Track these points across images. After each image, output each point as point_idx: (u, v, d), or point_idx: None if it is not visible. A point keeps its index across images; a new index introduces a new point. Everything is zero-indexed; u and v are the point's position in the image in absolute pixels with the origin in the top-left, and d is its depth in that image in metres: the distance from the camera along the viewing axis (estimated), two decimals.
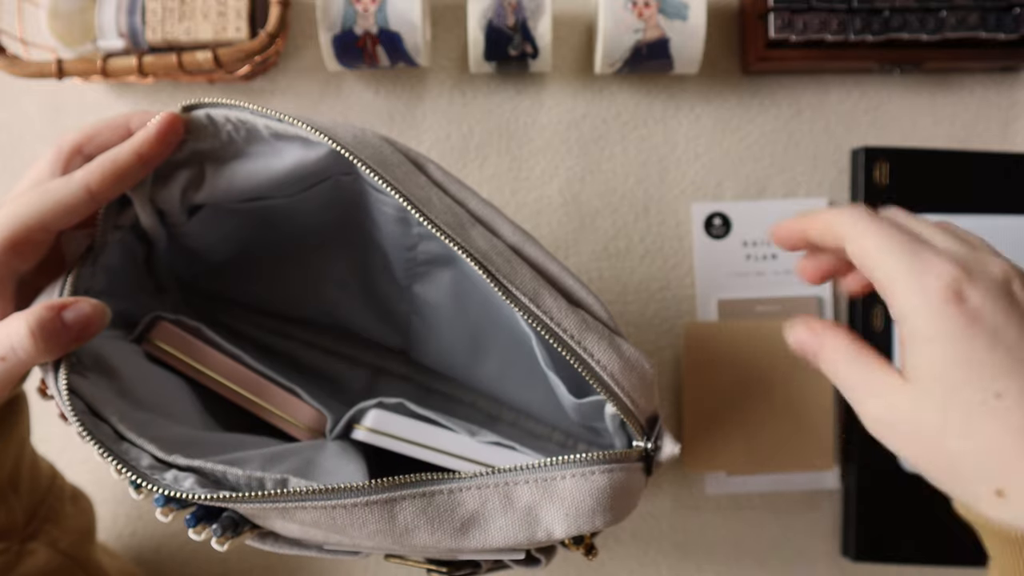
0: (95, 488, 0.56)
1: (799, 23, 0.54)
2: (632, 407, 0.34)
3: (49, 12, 0.54)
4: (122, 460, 0.31)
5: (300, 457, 0.36)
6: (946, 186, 0.56)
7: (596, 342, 0.34)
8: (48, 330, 0.31)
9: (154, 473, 0.32)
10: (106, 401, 0.33)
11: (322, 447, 0.38)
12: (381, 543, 0.33)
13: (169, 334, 0.39)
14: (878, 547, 0.55)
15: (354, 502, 0.31)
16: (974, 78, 0.58)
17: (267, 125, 0.35)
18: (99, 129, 0.36)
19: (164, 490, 0.31)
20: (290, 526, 0.33)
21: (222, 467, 0.32)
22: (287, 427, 0.40)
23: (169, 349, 0.39)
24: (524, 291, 0.33)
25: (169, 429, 0.34)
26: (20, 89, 0.59)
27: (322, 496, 0.31)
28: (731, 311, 0.54)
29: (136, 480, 0.31)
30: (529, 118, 0.58)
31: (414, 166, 0.36)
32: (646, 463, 0.34)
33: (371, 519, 0.32)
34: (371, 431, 0.38)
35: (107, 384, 0.34)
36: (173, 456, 0.32)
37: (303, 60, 0.58)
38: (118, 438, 0.32)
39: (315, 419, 0.40)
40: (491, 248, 0.34)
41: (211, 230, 0.41)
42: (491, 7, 0.52)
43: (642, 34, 0.52)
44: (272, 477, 0.32)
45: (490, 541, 0.32)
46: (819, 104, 0.58)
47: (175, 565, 0.56)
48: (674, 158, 0.58)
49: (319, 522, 0.32)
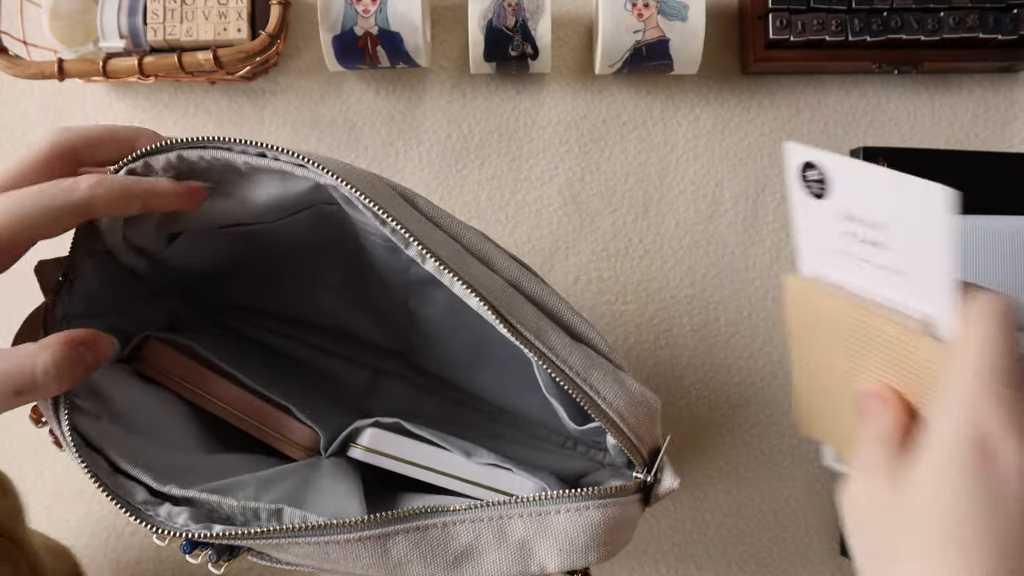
0: (95, 486, 0.56)
1: (798, 24, 0.54)
2: (636, 442, 0.34)
3: (50, 13, 0.54)
4: (116, 496, 0.32)
5: (295, 478, 0.36)
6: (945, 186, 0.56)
7: (601, 379, 0.34)
8: (68, 366, 0.31)
9: (148, 509, 0.32)
10: (100, 431, 0.33)
11: (317, 466, 0.38)
12: (375, 575, 0.33)
13: (159, 353, 0.39)
14: None
15: (347, 538, 0.32)
16: (972, 78, 0.58)
17: (246, 161, 0.33)
18: (102, 138, 0.34)
19: (156, 528, 0.31)
20: (285, 556, 0.33)
21: (216, 498, 0.33)
22: (280, 446, 0.40)
23: (160, 368, 0.39)
24: (528, 328, 0.33)
25: (163, 455, 0.35)
26: (21, 90, 0.59)
27: (315, 532, 0.32)
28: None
29: (129, 516, 0.31)
30: (529, 118, 0.58)
31: (404, 200, 0.35)
32: (645, 495, 0.34)
33: (364, 553, 0.32)
34: (367, 450, 0.38)
35: (100, 409, 0.34)
36: (168, 487, 0.33)
37: (304, 60, 0.58)
38: (113, 471, 0.33)
39: (308, 438, 0.40)
40: (492, 283, 0.34)
41: (194, 250, 0.40)
42: (491, 8, 0.53)
43: (642, 34, 0.52)
44: (266, 508, 0.33)
45: (483, 574, 0.33)
46: (818, 104, 0.58)
47: (175, 564, 0.57)
48: (674, 158, 0.58)
49: (312, 555, 0.32)
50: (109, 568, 0.57)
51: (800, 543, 0.57)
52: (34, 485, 0.57)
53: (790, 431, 0.57)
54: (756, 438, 0.57)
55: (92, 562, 0.57)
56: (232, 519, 0.33)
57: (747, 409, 0.57)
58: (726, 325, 0.57)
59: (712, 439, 0.57)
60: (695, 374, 0.57)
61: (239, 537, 0.32)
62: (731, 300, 0.57)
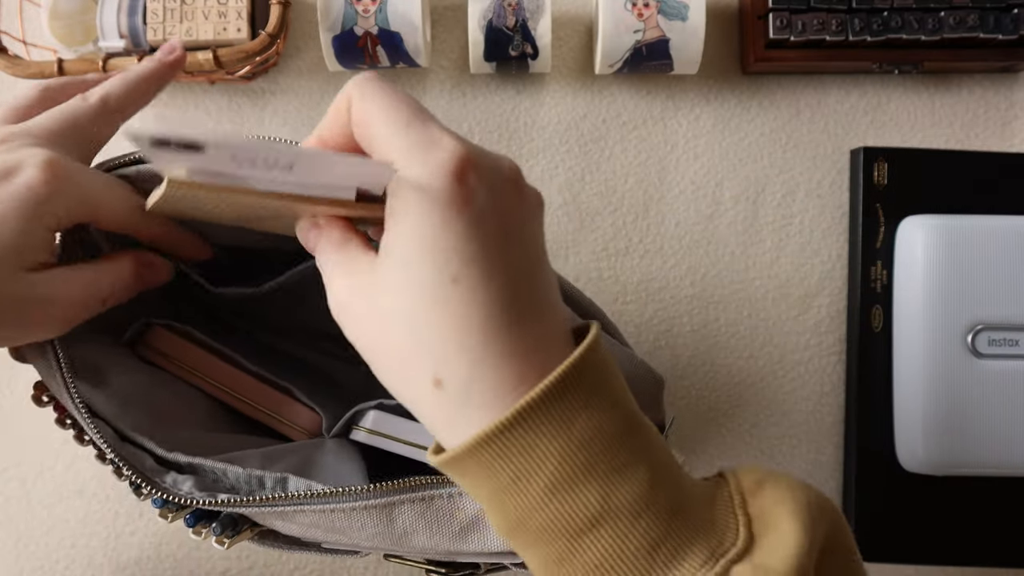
0: (95, 486, 0.56)
1: (798, 23, 0.54)
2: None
3: (50, 13, 0.54)
4: (126, 460, 0.32)
5: (299, 455, 0.36)
6: (945, 186, 0.56)
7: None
8: (141, 281, 0.34)
9: (155, 476, 0.32)
10: (105, 404, 0.33)
11: (321, 445, 0.38)
12: (380, 544, 0.33)
13: (161, 338, 0.39)
14: (878, 546, 0.55)
15: (352, 506, 0.32)
16: (973, 78, 0.58)
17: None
18: (72, 83, 0.36)
19: (162, 493, 0.31)
20: (290, 526, 0.33)
21: (222, 465, 0.32)
22: (283, 428, 0.40)
23: (163, 353, 0.39)
24: None
25: (168, 429, 0.35)
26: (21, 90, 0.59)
27: (321, 500, 0.31)
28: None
29: (137, 481, 0.31)
30: (529, 118, 0.58)
31: None
32: None
33: (370, 522, 0.32)
34: (371, 432, 0.38)
35: (102, 383, 0.34)
36: (174, 454, 0.32)
37: (303, 60, 0.58)
38: (121, 439, 0.32)
39: (311, 420, 0.40)
40: None
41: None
42: (491, 7, 0.52)
43: (642, 34, 0.52)
44: (272, 475, 0.32)
45: (489, 545, 0.32)
46: (818, 104, 0.58)
47: (175, 564, 0.57)
48: (674, 158, 0.58)
49: (318, 523, 0.32)
50: (109, 568, 0.57)
51: None
52: (34, 485, 0.57)
53: (790, 431, 0.57)
54: (756, 438, 0.57)
55: (92, 562, 0.57)
56: (237, 488, 0.33)
57: (747, 409, 0.57)
58: (726, 325, 0.57)
59: (712, 439, 0.57)
60: (695, 374, 0.57)
61: (244, 504, 0.31)
62: (731, 300, 0.57)
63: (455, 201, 0.24)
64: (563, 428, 0.24)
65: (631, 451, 0.25)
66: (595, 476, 0.24)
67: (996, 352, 0.52)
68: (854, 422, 0.56)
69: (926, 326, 0.53)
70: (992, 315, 0.52)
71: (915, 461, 0.54)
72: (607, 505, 0.24)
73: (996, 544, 0.55)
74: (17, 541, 0.57)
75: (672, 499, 0.25)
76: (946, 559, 0.55)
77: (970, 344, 0.52)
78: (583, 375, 0.24)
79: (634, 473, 0.24)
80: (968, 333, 0.52)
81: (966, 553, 0.55)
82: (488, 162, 0.25)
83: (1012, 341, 0.52)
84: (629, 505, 0.24)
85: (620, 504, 0.24)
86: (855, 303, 0.56)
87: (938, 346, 0.53)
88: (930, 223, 0.54)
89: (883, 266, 0.56)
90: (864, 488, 0.55)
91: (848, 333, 0.57)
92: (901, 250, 0.55)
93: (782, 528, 0.25)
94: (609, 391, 0.25)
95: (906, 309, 0.54)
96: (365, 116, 0.27)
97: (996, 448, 0.52)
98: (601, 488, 0.24)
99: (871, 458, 0.55)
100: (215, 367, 0.39)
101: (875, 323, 0.56)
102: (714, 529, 0.25)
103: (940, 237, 0.53)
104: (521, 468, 0.24)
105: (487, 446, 0.24)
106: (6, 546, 0.57)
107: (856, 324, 0.56)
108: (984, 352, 0.52)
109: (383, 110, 0.26)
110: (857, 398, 0.56)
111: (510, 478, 0.24)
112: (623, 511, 0.24)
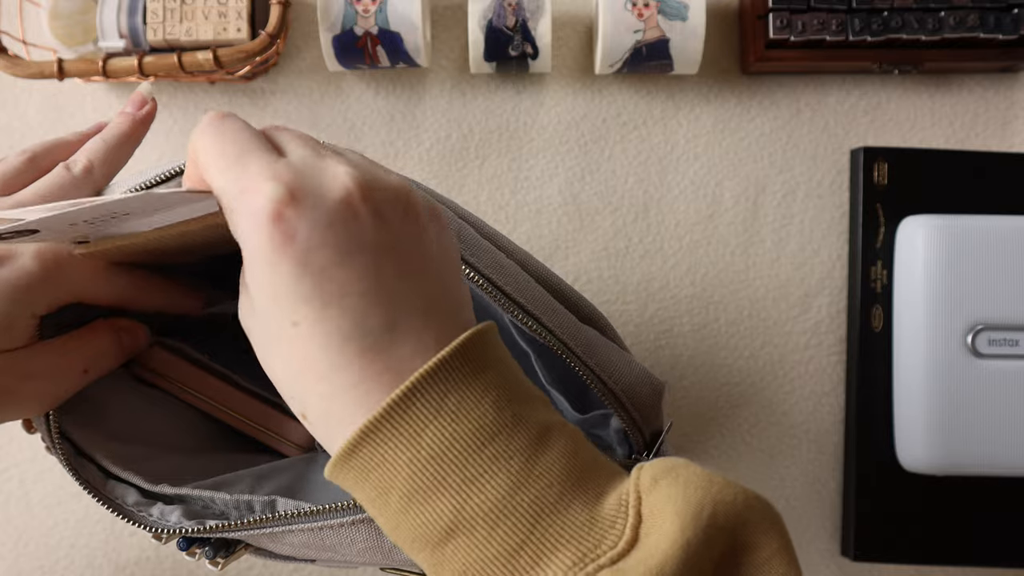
0: (87, 493, 0.56)
1: (798, 23, 0.54)
2: (639, 421, 0.33)
3: (50, 13, 0.54)
4: (108, 501, 0.32)
5: (291, 472, 0.36)
6: (945, 186, 0.56)
7: (607, 359, 0.33)
8: (122, 348, 0.34)
9: (140, 510, 0.32)
10: (91, 440, 0.33)
11: (313, 460, 0.38)
12: (372, 559, 0.33)
13: (154, 356, 0.39)
14: (878, 547, 0.55)
15: (341, 522, 0.31)
16: (973, 78, 0.58)
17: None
18: (57, 146, 0.37)
19: (149, 528, 0.31)
20: (281, 547, 0.33)
21: (209, 493, 0.32)
22: (276, 444, 0.40)
23: (156, 371, 0.39)
24: (536, 307, 0.33)
25: (157, 456, 0.35)
26: (21, 89, 0.59)
27: (309, 518, 0.31)
28: None
29: (124, 520, 0.32)
30: (529, 118, 0.58)
31: None
32: None
33: (359, 537, 0.32)
34: None
35: (92, 414, 0.34)
36: (160, 486, 0.33)
37: (303, 60, 0.58)
38: (105, 476, 0.33)
39: (303, 436, 0.40)
40: (499, 262, 0.33)
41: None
42: (491, 7, 0.53)
43: (642, 34, 0.52)
44: (260, 499, 0.32)
45: None
46: (818, 104, 0.58)
47: (174, 564, 0.57)
48: (674, 158, 0.58)
49: (308, 543, 0.32)
50: (109, 568, 0.57)
51: (800, 543, 0.57)
52: (34, 486, 0.57)
53: (790, 431, 0.57)
54: (756, 438, 0.57)
55: (92, 562, 0.57)
56: (226, 514, 0.33)
57: (747, 409, 0.57)
58: (726, 325, 0.57)
59: (712, 439, 0.57)
60: (695, 374, 0.57)
61: (233, 528, 0.31)
62: (731, 300, 0.57)
63: (274, 244, 0.24)
64: (411, 442, 0.24)
65: (490, 458, 0.24)
66: (447, 486, 0.24)
67: (996, 352, 0.52)
68: (854, 422, 0.56)
69: (926, 326, 0.53)
70: (992, 315, 0.52)
71: (915, 461, 0.54)
72: (461, 514, 0.24)
73: (996, 544, 0.55)
74: (17, 541, 0.57)
75: (539, 502, 0.24)
76: (946, 559, 0.55)
77: (970, 344, 0.52)
78: (429, 389, 0.24)
79: (490, 480, 0.24)
80: (968, 333, 0.52)
81: (966, 553, 0.55)
82: (310, 185, 0.25)
83: (1012, 341, 0.52)
84: (484, 513, 0.24)
85: (475, 512, 0.24)
86: (855, 303, 0.56)
87: (938, 346, 0.53)
88: (930, 223, 0.54)
89: (883, 266, 0.56)
90: (864, 488, 0.55)
91: (848, 333, 0.57)
92: (901, 250, 0.55)
93: (664, 529, 0.24)
94: (466, 399, 0.25)
95: (906, 309, 0.54)
96: (195, 155, 0.27)
97: (996, 448, 0.52)
98: (454, 497, 0.24)
99: (871, 458, 0.55)
100: (207, 383, 0.39)
101: (875, 323, 0.56)
102: (592, 530, 0.24)
103: (940, 237, 0.53)
104: (381, 482, 0.24)
105: (347, 464, 0.25)
106: (6, 546, 0.57)
107: (856, 324, 0.56)
108: (984, 352, 0.52)
109: (207, 151, 0.26)
110: (857, 398, 0.56)
111: (375, 492, 0.25)
112: (479, 519, 0.24)
